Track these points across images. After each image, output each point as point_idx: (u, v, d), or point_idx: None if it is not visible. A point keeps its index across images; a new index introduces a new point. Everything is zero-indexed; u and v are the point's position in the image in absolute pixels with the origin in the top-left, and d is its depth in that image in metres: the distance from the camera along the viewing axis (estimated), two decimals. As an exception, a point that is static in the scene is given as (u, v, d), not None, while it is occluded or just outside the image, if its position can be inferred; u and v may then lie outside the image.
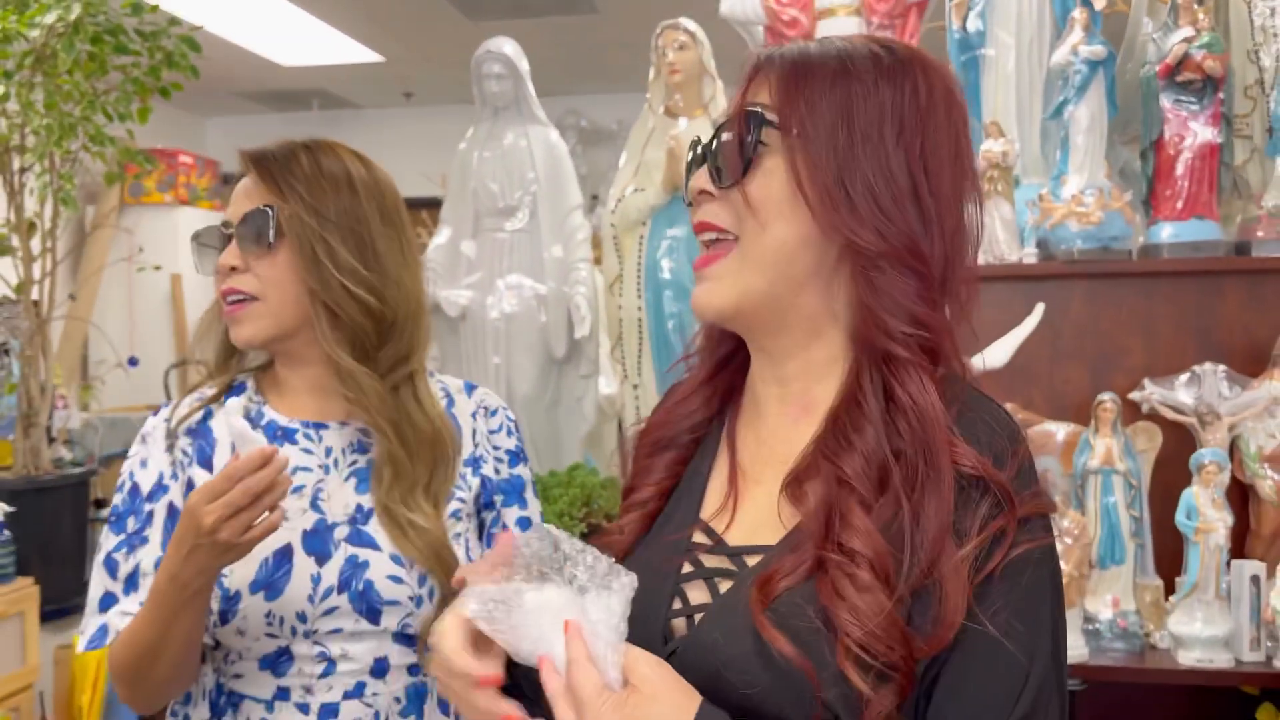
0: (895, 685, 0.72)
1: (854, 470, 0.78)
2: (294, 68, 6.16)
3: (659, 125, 2.27)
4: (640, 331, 2.27)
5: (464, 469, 1.25)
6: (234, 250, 1.18)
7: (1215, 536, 2.04)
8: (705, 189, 0.86)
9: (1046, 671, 0.75)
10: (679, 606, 0.84)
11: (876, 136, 0.80)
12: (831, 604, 0.74)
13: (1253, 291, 2.29)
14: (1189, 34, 2.23)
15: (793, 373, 0.86)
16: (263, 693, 1.17)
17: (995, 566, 0.74)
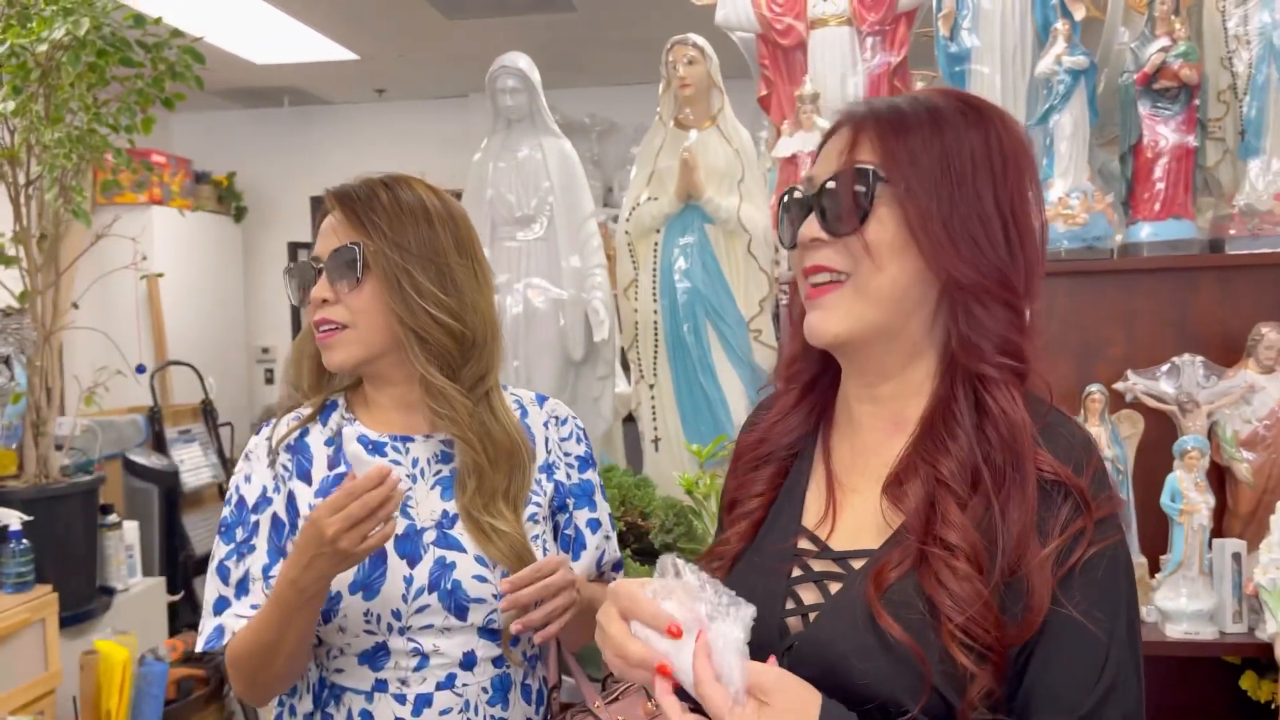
0: (992, 665, 0.83)
1: (949, 471, 0.88)
2: (266, 65, 6.15)
3: (670, 137, 2.36)
4: (656, 334, 2.37)
5: (539, 475, 1.35)
6: (324, 284, 1.26)
7: (1198, 517, 2.18)
8: (818, 236, 0.95)
9: (1124, 651, 0.86)
10: (792, 606, 0.94)
11: (970, 182, 0.91)
12: (935, 592, 0.84)
13: (1226, 286, 2.44)
14: (1166, 44, 2.37)
15: (888, 392, 0.96)
16: (362, 685, 1.26)
17: (1076, 561, 0.85)
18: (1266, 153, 2.42)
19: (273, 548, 1.28)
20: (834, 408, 1.03)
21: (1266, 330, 2.30)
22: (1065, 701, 0.85)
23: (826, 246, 0.94)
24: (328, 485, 1.29)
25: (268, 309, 7.27)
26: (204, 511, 4.97)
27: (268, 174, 7.28)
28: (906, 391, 0.96)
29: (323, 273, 1.28)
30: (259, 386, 7.32)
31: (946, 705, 0.85)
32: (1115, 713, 0.86)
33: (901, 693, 0.85)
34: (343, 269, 1.27)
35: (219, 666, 2.94)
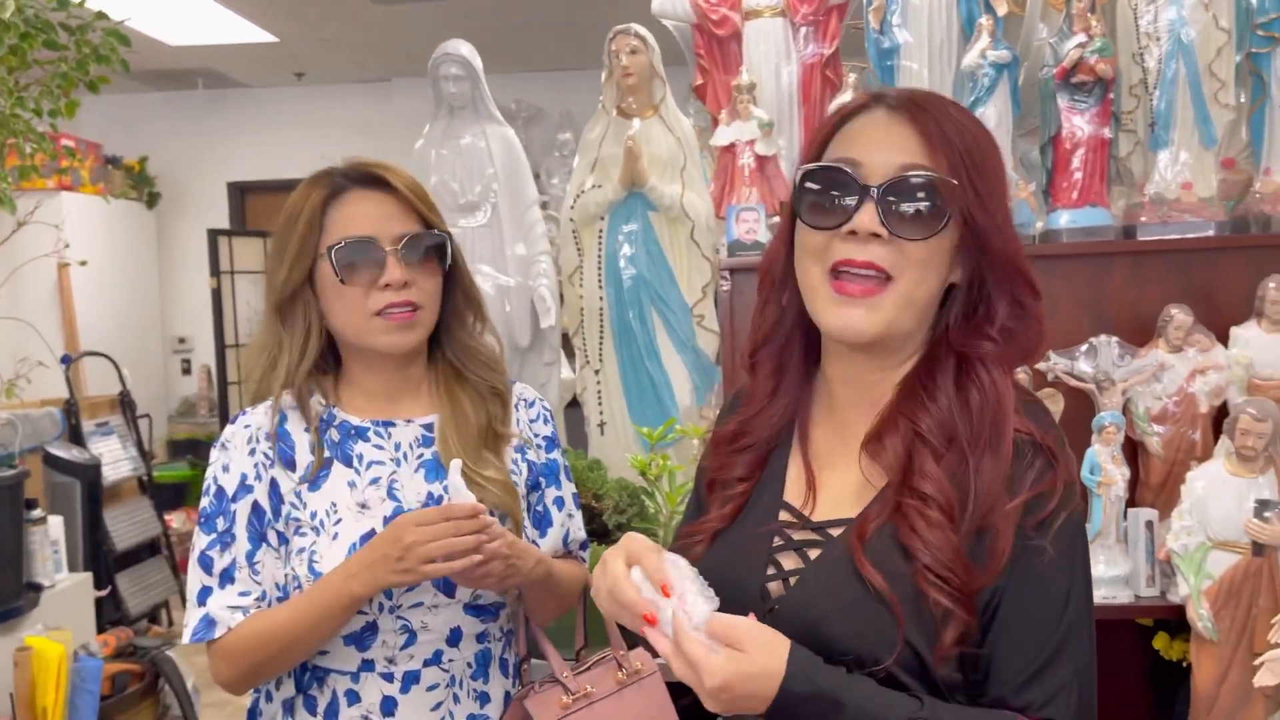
0: (964, 607, 0.90)
1: (928, 426, 0.95)
2: (181, 46, 5.98)
3: (613, 125, 2.40)
4: (602, 320, 2.41)
5: (515, 454, 1.39)
6: (401, 267, 1.30)
7: (1115, 489, 2.31)
8: (877, 232, 0.96)
9: (1080, 603, 0.94)
10: (773, 572, 1.00)
11: (1003, 190, 0.99)
12: (909, 540, 0.91)
13: (1137, 271, 2.58)
14: (1083, 39, 2.49)
15: (874, 378, 1.03)
16: (348, 665, 1.29)
17: (1046, 517, 0.93)
18: (1174, 144, 2.56)
19: (253, 534, 1.29)
20: (811, 391, 1.09)
21: (1175, 312, 2.44)
22: (1025, 648, 0.92)
23: (882, 245, 0.96)
24: (314, 474, 1.31)
25: (184, 298, 7.09)
26: (124, 506, 4.86)
27: (182, 159, 7.09)
28: (890, 375, 1.02)
29: (390, 255, 1.29)
30: (176, 377, 7.15)
31: (920, 662, 0.91)
32: (1068, 666, 0.94)
33: (878, 647, 0.91)
34: (422, 253, 1.31)
35: (154, 660, 2.89)
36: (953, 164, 0.96)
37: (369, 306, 1.30)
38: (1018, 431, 0.95)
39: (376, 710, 1.29)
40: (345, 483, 1.31)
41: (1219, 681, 2.06)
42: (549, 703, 1.31)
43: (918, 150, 0.97)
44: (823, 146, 1.03)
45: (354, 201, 1.32)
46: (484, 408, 1.38)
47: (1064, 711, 0.93)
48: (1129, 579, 2.32)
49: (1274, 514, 2.01)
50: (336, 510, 1.30)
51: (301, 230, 1.31)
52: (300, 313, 1.33)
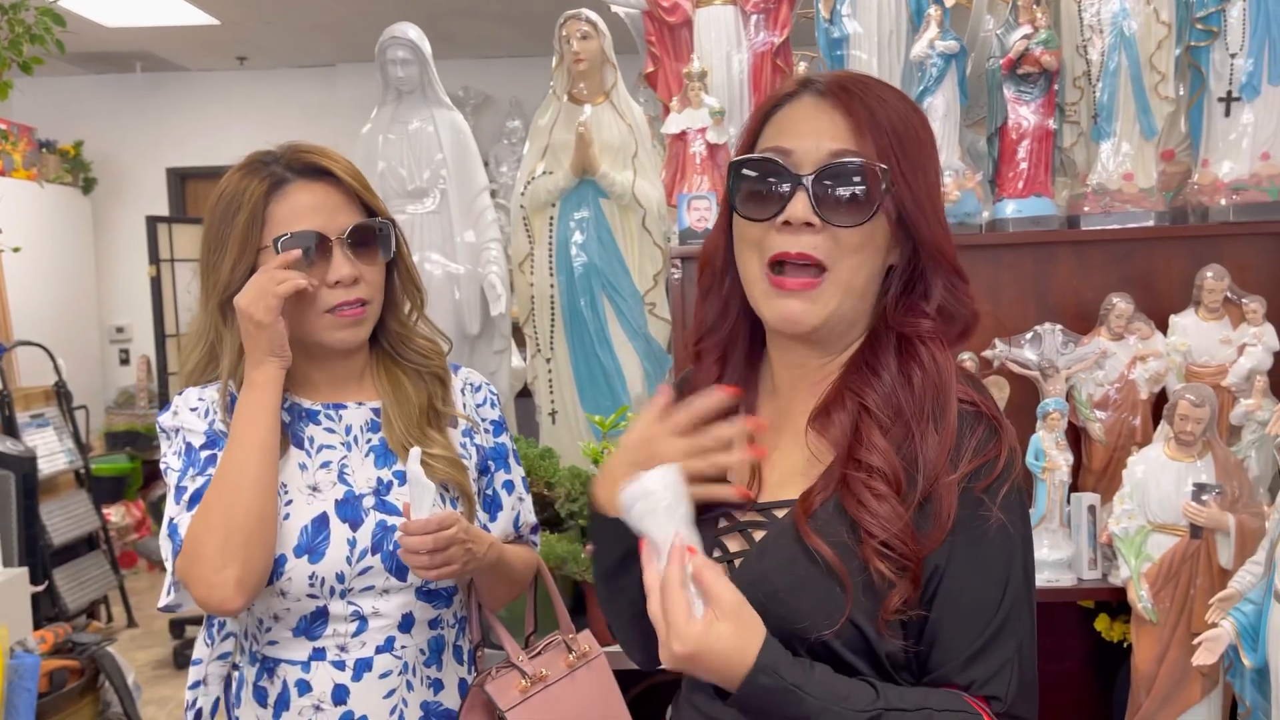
0: (910, 576, 0.91)
1: (874, 400, 0.95)
2: (118, 28, 5.82)
3: (564, 111, 2.38)
4: (553, 308, 2.39)
5: (463, 439, 1.38)
6: (349, 261, 1.27)
7: (1059, 474, 2.36)
8: (810, 221, 0.96)
9: (1022, 580, 0.95)
10: (718, 555, 1.00)
11: (933, 165, 0.98)
12: (856, 512, 0.91)
13: (1081, 259, 2.63)
14: (1028, 31, 2.52)
15: (820, 363, 1.03)
16: (298, 655, 1.27)
17: (991, 482, 0.94)
18: (1117, 135, 2.61)
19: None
20: (755, 376, 1.09)
21: (1117, 300, 2.49)
22: (968, 626, 0.93)
23: (816, 234, 0.96)
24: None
25: (122, 286, 6.93)
26: (61, 499, 4.73)
27: (119, 144, 6.91)
28: (835, 360, 1.03)
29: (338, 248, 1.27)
30: (114, 368, 6.98)
31: (864, 638, 0.92)
32: (1011, 643, 0.95)
33: (825, 622, 0.91)
34: (368, 245, 1.28)
35: (94, 657, 2.83)
36: (881, 148, 0.96)
37: (319, 304, 1.27)
38: (962, 401, 0.96)
39: (328, 699, 1.27)
40: (297, 464, 1.30)
41: (1158, 661, 2.11)
42: (508, 687, 1.31)
43: (846, 136, 0.97)
44: (755, 136, 1.03)
45: (297, 193, 1.28)
46: (424, 388, 1.37)
47: (1005, 689, 0.95)
48: (1071, 562, 2.36)
49: (1211, 497, 2.06)
50: (288, 491, 1.28)
51: (243, 224, 1.27)
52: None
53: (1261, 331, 2.41)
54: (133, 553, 5.65)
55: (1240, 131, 2.55)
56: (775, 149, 0.98)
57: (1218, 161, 2.58)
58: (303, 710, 1.27)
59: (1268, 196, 2.50)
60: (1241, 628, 1.78)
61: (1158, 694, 2.13)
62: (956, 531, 0.92)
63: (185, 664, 4.54)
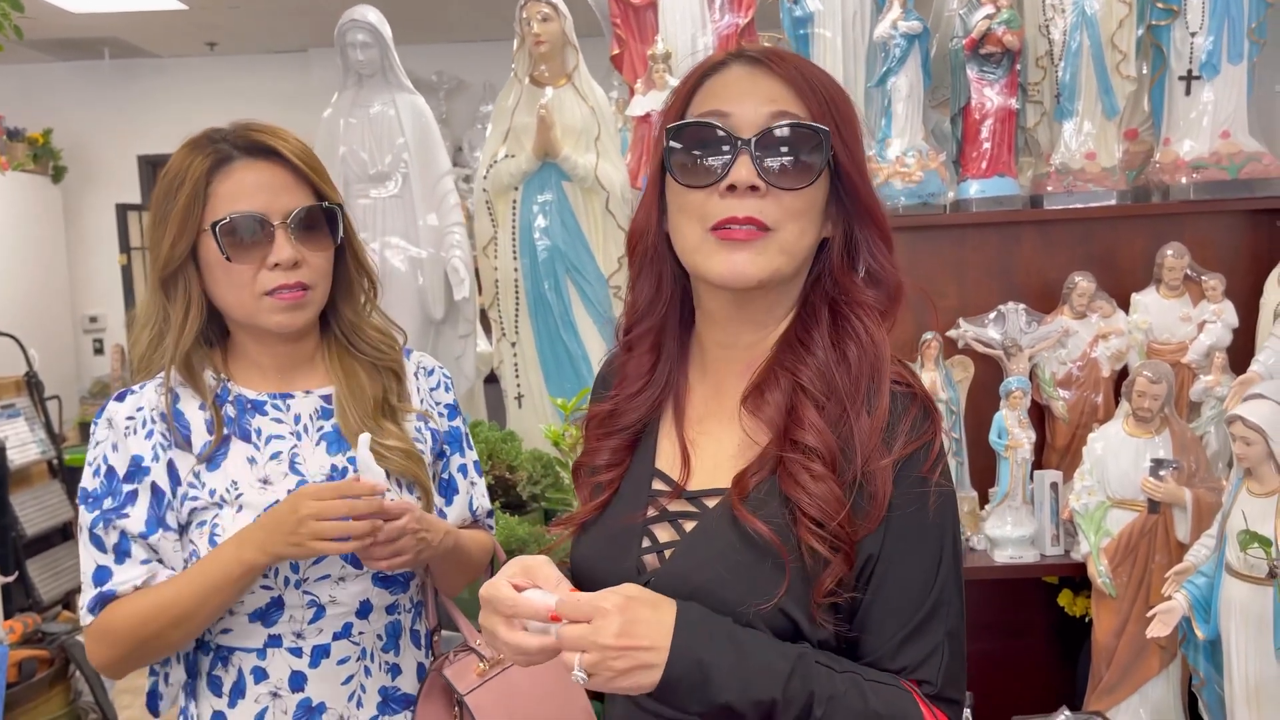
0: (844, 555, 0.91)
1: (809, 377, 0.94)
2: (85, 14, 5.75)
3: (525, 94, 2.37)
4: (517, 292, 2.39)
5: (417, 423, 1.37)
6: (291, 245, 1.24)
7: (1022, 451, 2.37)
8: (755, 184, 0.93)
9: (950, 566, 0.95)
10: (648, 545, 0.99)
11: (859, 135, 0.98)
12: (793, 492, 0.90)
13: (1044, 239, 2.64)
14: (990, 11, 2.52)
15: (751, 338, 1.01)
16: (253, 643, 1.26)
17: (926, 468, 0.93)
18: (1079, 114, 2.62)
19: (152, 516, 1.25)
20: (685, 360, 1.07)
21: (1079, 279, 2.51)
22: (899, 610, 0.93)
23: (757, 198, 0.94)
24: (212, 451, 1.27)
25: (94, 275, 6.86)
26: (33, 490, 4.70)
27: (89, 132, 6.83)
28: (765, 335, 1.01)
29: (280, 231, 1.24)
30: (87, 357, 6.93)
31: (796, 630, 0.92)
32: (940, 629, 0.95)
33: (754, 617, 0.91)
34: (314, 229, 1.26)
35: (64, 646, 2.82)
36: (820, 109, 0.96)
37: (257, 286, 1.25)
38: (895, 383, 0.95)
39: (285, 686, 1.27)
40: (245, 459, 1.28)
41: (1117, 634, 2.14)
42: (465, 671, 1.32)
43: (786, 98, 0.95)
44: (685, 104, 1.00)
45: (241, 172, 1.25)
46: (379, 380, 1.35)
47: (936, 673, 0.94)
48: (1035, 539, 2.38)
49: (1169, 472, 2.08)
50: (238, 487, 1.26)
51: (184, 201, 1.24)
52: (181, 287, 1.28)
53: (1221, 308, 2.43)
54: (108, 543, 5.62)
55: (1201, 110, 2.57)
56: (713, 112, 0.96)
57: (1179, 140, 2.60)
58: (259, 698, 1.27)
59: (1227, 175, 2.52)
60: (1194, 600, 1.80)
61: (1117, 667, 2.15)
62: (890, 515, 0.92)
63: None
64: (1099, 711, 2.14)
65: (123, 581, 1.23)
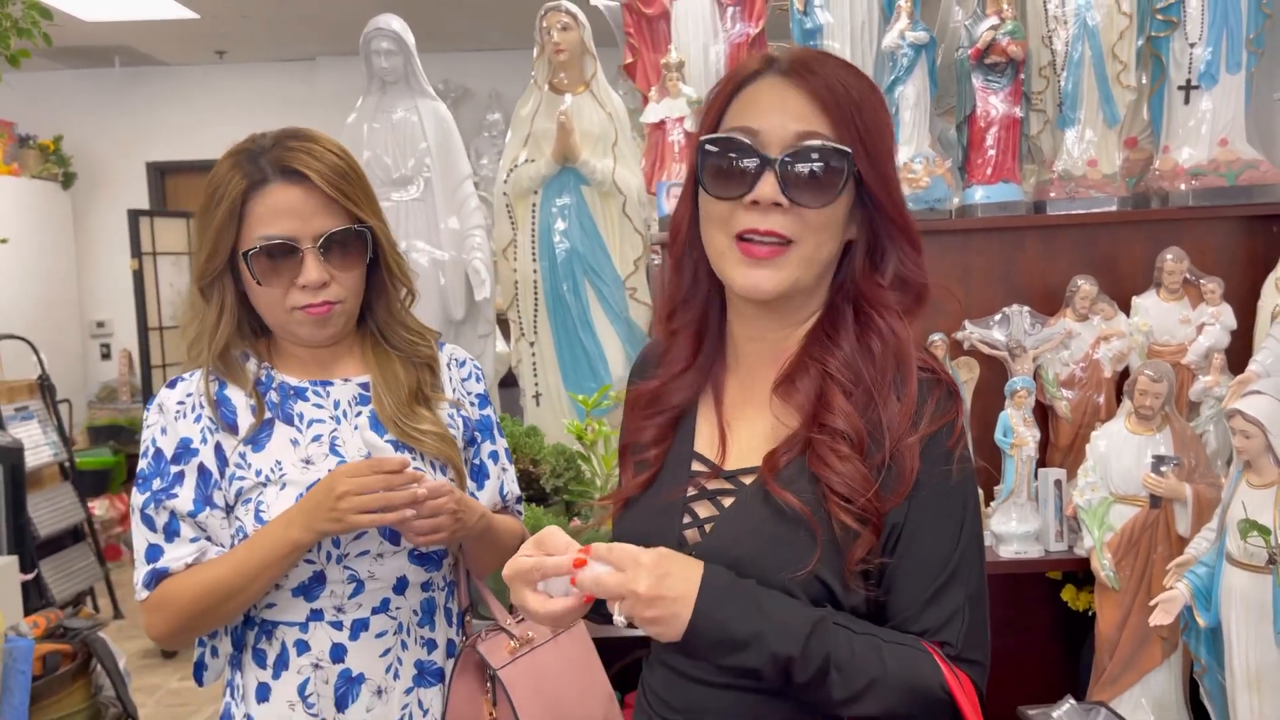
0: (872, 527, 0.97)
1: (836, 365, 1.01)
2: (97, 23, 5.83)
3: (545, 100, 2.44)
4: (536, 293, 2.45)
5: (450, 410, 1.44)
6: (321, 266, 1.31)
7: (1026, 449, 2.44)
8: (779, 201, 1.00)
9: (971, 533, 1.01)
10: (688, 521, 1.06)
11: (891, 149, 1.04)
12: (821, 471, 0.97)
13: (1047, 243, 2.71)
14: (995, 22, 2.60)
15: (778, 334, 1.08)
16: (296, 617, 1.32)
17: (951, 444, 1.00)
18: (1081, 123, 2.70)
19: (199, 495, 1.32)
20: (721, 350, 1.14)
21: (1081, 282, 2.58)
22: (922, 575, 1.00)
23: (783, 214, 1.00)
24: (255, 434, 1.33)
25: (103, 281, 6.92)
26: (45, 492, 4.75)
27: (99, 139, 6.91)
28: (794, 330, 1.08)
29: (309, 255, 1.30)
30: (95, 362, 6.98)
31: (830, 594, 0.98)
32: (961, 592, 1.01)
33: (789, 576, 0.98)
34: (345, 247, 1.32)
35: (86, 641, 2.87)
36: (845, 126, 1.01)
37: (287, 303, 1.32)
38: (921, 369, 1.01)
39: (326, 658, 1.33)
40: (288, 440, 1.35)
41: (1120, 626, 2.20)
42: (498, 648, 1.38)
43: (812, 116, 1.01)
44: (720, 113, 1.06)
45: (274, 195, 1.30)
46: (413, 373, 1.42)
47: (957, 634, 1.00)
48: (1039, 535, 2.45)
49: (1170, 468, 2.14)
50: (282, 467, 1.33)
51: (221, 218, 1.31)
52: (216, 295, 1.35)
53: (1219, 311, 2.50)
54: (118, 545, 5.67)
55: (1199, 118, 2.64)
56: (742, 129, 1.02)
57: (1178, 148, 2.67)
58: (302, 669, 1.33)
59: (1225, 181, 2.59)
60: (1196, 590, 1.86)
61: (1120, 658, 2.21)
62: (916, 488, 0.98)
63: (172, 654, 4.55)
64: (1102, 701, 2.20)
65: (175, 559, 1.29)
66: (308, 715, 1.34)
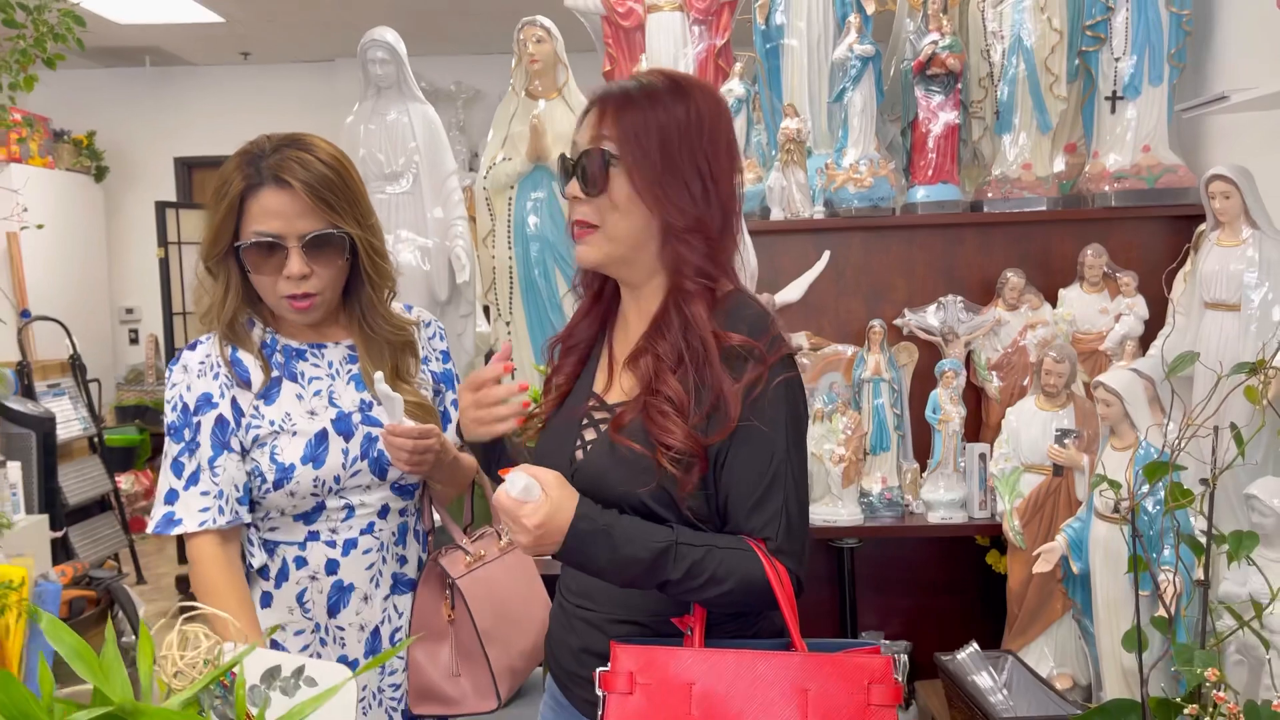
0: (697, 466, 1.24)
1: (663, 349, 1.28)
2: (129, 25, 6.16)
3: (521, 105, 2.71)
4: (511, 278, 2.73)
5: (421, 365, 1.70)
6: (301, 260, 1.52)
7: (953, 425, 2.69)
8: (577, 195, 1.29)
9: (785, 453, 1.27)
10: (579, 444, 1.33)
11: (675, 147, 1.27)
12: (651, 426, 1.24)
13: (984, 239, 2.96)
14: (936, 38, 2.85)
15: (645, 298, 1.34)
16: (295, 537, 1.59)
17: (756, 393, 1.26)
18: (1016, 129, 2.94)
19: (216, 443, 1.56)
20: (619, 307, 1.41)
21: (1010, 275, 2.82)
22: (745, 488, 1.25)
23: (585, 203, 1.29)
24: (265, 390, 1.59)
25: (133, 270, 7.26)
26: (74, 464, 5.07)
27: (129, 134, 7.25)
28: (653, 296, 1.34)
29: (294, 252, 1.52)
30: (123, 346, 7.32)
31: (670, 497, 1.25)
32: (779, 497, 1.26)
33: (640, 491, 1.24)
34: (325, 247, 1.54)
35: (109, 589, 3.16)
36: (617, 135, 1.26)
37: (277, 290, 1.55)
38: (731, 344, 1.26)
39: (321, 571, 1.59)
40: (294, 395, 1.60)
41: (1026, 583, 2.44)
42: (456, 561, 1.65)
43: (605, 126, 1.27)
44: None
45: (266, 198, 1.52)
46: (394, 353, 1.66)
47: (777, 531, 1.25)
48: (964, 503, 2.70)
49: (1071, 441, 2.39)
50: (291, 418, 1.58)
51: (224, 212, 1.54)
52: (222, 275, 1.59)
53: (1134, 302, 2.74)
54: (141, 518, 6.00)
55: (1125, 126, 2.88)
56: (573, 143, 1.33)
57: (1105, 153, 2.91)
58: (300, 580, 1.59)
59: (1145, 184, 2.83)
60: (1071, 541, 2.11)
61: (1027, 610, 2.46)
62: (738, 426, 1.25)
63: (190, 616, 4.87)
64: (1010, 650, 2.45)
65: (186, 506, 1.54)
66: (304, 618, 1.61)
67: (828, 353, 2.86)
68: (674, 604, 1.27)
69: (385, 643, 1.64)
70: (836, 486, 2.66)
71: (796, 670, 1.18)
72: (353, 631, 1.61)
